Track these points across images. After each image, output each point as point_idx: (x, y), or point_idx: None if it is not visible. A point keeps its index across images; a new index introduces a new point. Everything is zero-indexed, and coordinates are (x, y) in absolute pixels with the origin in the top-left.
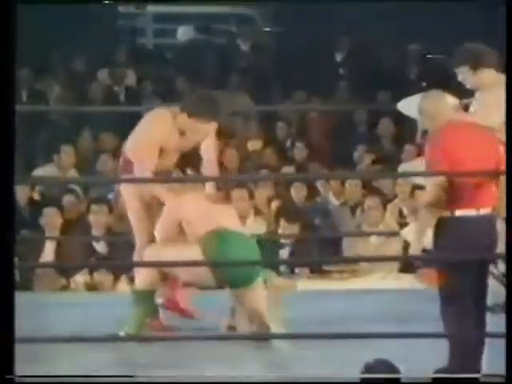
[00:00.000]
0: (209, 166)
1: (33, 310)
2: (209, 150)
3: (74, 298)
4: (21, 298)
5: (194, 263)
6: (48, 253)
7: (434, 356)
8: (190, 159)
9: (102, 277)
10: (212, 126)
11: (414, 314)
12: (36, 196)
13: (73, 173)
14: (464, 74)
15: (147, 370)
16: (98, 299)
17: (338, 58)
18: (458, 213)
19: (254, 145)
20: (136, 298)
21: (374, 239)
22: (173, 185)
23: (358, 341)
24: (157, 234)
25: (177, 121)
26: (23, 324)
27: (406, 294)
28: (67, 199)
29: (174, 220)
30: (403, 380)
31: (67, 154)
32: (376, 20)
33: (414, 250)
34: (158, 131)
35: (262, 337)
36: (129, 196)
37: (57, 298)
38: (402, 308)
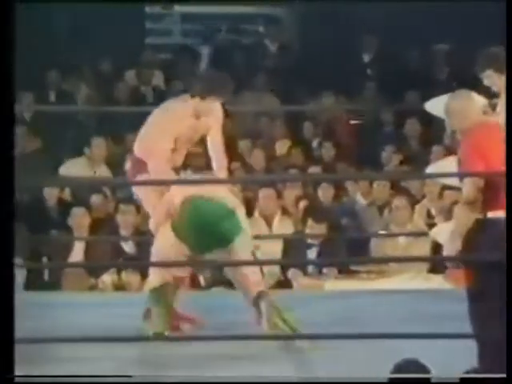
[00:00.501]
0: (218, 158)
1: (61, 310)
2: (215, 143)
3: (102, 297)
4: (49, 298)
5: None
6: (77, 252)
7: (462, 356)
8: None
9: (130, 276)
10: (220, 108)
11: (442, 315)
12: (64, 196)
13: (103, 168)
14: (490, 78)
15: (170, 369)
16: (125, 298)
17: (366, 58)
18: (490, 214)
19: (281, 145)
20: (153, 297)
21: (402, 239)
22: None
23: (386, 341)
24: (153, 219)
25: (190, 106)
26: (50, 323)
27: (434, 295)
28: (95, 199)
29: (168, 202)
30: (433, 380)
31: (98, 146)
32: (403, 20)
33: (449, 251)
34: (170, 123)
35: (288, 337)
36: (145, 192)
37: (85, 297)
38: (431, 308)
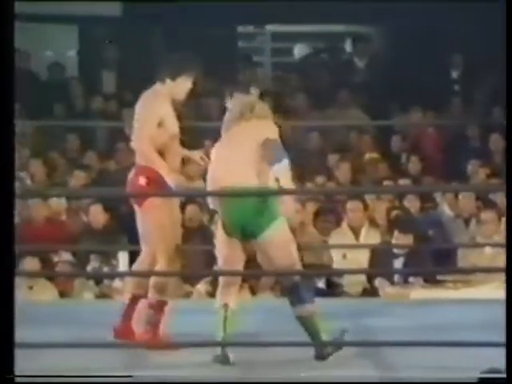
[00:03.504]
0: None
1: None
2: None
3: (196, 304)
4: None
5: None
6: None
7: None
8: None
9: None
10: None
11: None
12: None
13: (200, 182)
14: None
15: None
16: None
17: (453, 74)
18: None
19: (368, 157)
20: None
21: (488, 250)
22: None
23: (471, 349)
24: None
25: (165, 90)
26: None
27: None
28: (190, 209)
29: None
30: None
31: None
32: (490, 37)
33: None
34: (150, 108)
35: (372, 344)
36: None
37: (180, 304)
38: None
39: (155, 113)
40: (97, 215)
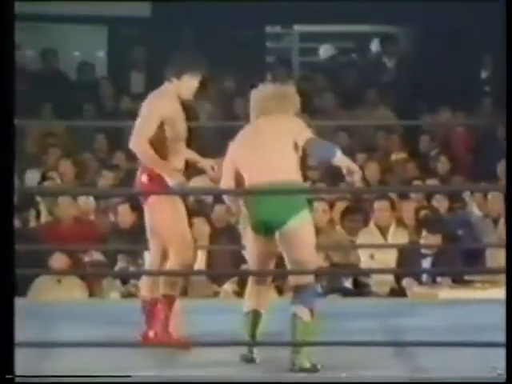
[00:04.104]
0: None
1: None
2: None
3: (223, 304)
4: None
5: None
6: (198, 262)
7: None
8: None
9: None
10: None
11: None
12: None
13: None
14: None
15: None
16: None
17: (483, 74)
18: None
19: (396, 157)
20: None
21: None
22: None
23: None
24: None
25: (172, 89)
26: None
27: None
28: (217, 209)
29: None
30: None
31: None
32: None
33: None
34: (155, 106)
35: (401, 344)
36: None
37: (208, 303)
38: None
39: (157, 112)
40: (124, 215)
